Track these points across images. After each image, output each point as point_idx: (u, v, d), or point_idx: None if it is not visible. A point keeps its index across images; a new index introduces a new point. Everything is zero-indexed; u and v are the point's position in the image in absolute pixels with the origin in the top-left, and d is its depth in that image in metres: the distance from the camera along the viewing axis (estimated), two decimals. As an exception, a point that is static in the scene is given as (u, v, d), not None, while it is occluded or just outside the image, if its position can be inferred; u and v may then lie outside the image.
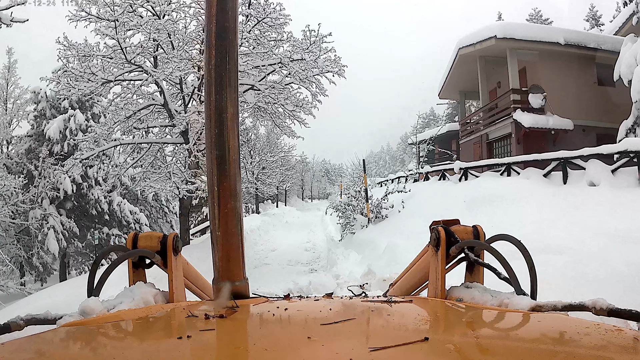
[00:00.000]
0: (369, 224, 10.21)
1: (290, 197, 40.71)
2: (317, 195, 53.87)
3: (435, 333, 0.61)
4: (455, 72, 18.10)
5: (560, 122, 13.52)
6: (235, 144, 0.84)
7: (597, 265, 4.84)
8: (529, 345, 0.51)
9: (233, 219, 0.84)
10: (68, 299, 7.35)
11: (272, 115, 11.12)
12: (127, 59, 8.93)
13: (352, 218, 10.60)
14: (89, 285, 0.88)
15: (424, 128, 53.09)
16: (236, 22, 0.86)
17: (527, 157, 9.37)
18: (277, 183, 27.52)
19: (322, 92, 10.14)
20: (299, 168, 43.95)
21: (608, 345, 0.46)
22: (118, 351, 0.53)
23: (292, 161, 35.39)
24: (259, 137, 26.77)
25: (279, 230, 16.94)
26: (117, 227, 18.54)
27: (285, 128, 11.46)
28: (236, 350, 0.54)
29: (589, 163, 8.07)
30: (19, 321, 0.67)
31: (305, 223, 19.83)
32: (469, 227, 0.93)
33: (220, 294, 0.83)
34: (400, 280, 1.20)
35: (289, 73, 10.05)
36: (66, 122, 17.65)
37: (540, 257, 5.00)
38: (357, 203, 10.82)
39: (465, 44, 15.84)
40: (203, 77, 8.58)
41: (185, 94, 10.08)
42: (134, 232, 0.99)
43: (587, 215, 6.23)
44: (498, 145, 15.90)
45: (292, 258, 10.60)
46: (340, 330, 0.59)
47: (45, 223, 16.35)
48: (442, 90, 19.95)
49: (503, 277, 0.83)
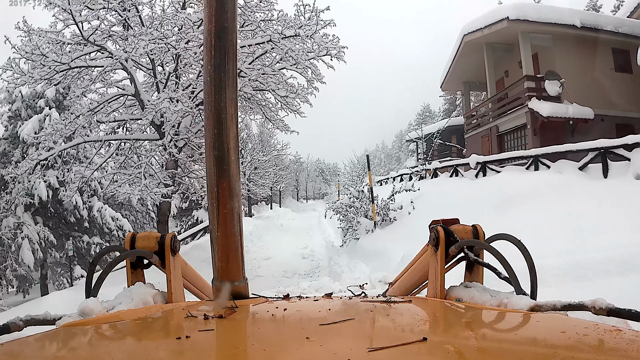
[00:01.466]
0: (375, 228, 8.93)
1: (285, 198, 39.40)
2: (312, 195, 53.37)
3: (433, 333, 0.61)
4: (459, 62, 16.95)
5: (580, 111, 12.33)
6: (235, 144, 0.84)
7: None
8: (528, 345, 0.50)
9: (232, 219, 0.84)
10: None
11: (263, 107, 9.80)
12: (83, 37, 7.50)
13: (356, 222, 9.31)
14: (87, 286, 0.87)
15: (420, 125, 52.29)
16: (236, 22, 0.86)
17: (558, 147, 8.17)
18: (270, 184, 25.99)
19: (318, 78, 8.85)
20: (293, 168, 42.78)
21: (608, 345, 0.45)
22: (117, 352, 0.53)
23: (286, 160, 34.01)
24: (251, 136, 25.38)
25: (273, 235, 15.65)
26: (99, 234, 17.11)
27: (278, 121, 10.14)
28: (235, 350, 0.54)
29: (634, 153, 6.91)
30: (18, 322, 0.67)
31: (301, 226, 18.66)
32: (468, 226, 0.92)
33: (219, 294, 0.83)
34: (400, 279, 1.20)
35: (281, 58, 8.75)
36: (41, 122, 16.12)
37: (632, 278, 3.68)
38: (361, 204, 9.54)
39: (472, 29, 14.65)
40: (178, 59, 6.42)
41: (159, 81, 8.69)
42: (132, 233, 0.98)
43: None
44: (510, 137, 14.65)
45: (288, 268, 9.44)
46: (339, 330, 0.59)
47: (19, 232, 14.89)
48: (445, 82, 18.73)
49: (503, 276, 0.83)
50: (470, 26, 14.93)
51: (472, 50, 15.58)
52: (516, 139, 14.23)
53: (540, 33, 13.26)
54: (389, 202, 9.16)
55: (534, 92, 12.83)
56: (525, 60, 13.16)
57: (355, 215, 9.42)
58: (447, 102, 46.96)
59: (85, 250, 16.44)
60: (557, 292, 0.70)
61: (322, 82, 8.92)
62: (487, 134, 15.72)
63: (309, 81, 8.83)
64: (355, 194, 9.82)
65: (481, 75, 16.55)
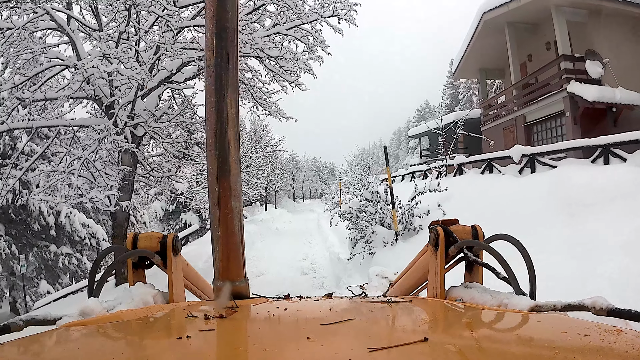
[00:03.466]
0: (397, 239, 6.99)
1: (281, 198, 37.31)
2: (308, 194, 51.76)
3: (434, 333, 0.61)
4: (475, 46, 15.22)
5: (628, 96, 10.52)
6: (236, 144, 0.83)
7: None
8: (529, 345, 0.50)
9: (233, 219, 0.82)
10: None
11: (252, 87, 7.83)
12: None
13: (370, 231, 7.35)
14: (89, 286, 0.87)
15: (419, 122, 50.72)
16: (236, 22, 0.85)
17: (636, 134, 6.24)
18: (264, 183, 23.81)
19: (322, 45, 6.90)
20: (289, 167, 40.80)
21: (608, 345, 0.45)
22: (117, 352, 0.53)
23: (282, 158, 31.92)
24: (242, 130, 23.25)
25: (267, 242, 13.69)
26: (69, 243, 15.05)
27: (270, 106, 8.18)
28: (236, 350, 0.53)
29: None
30: (18, 322, 0.66)
31: (299, 230, 16.66)
32: (467, 226, 0.92)
33: (220, 294, 0.82)
34: (400, 280, 1.19)
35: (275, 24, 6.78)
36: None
37: None
38: (375, 209, 7.57)
39: (494, 5, 12.77)
40: (136, 13, 3.54)
41: (107, 35, 6.52)
42: (134, 232, 0.99)
43: None
44: (541, 127, 12.75)
45: (285, 288, 7.43)
46: (340, 330, 0.58)
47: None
48: (459, 70, 16.91)
49: (502, 277, 0.82)
50: (492, 2, 13.06)
51: (491, 31, 14.05)
52: (549, 129, 12.33)
53: (575, 7, 11.39)
54: (413, 207, 7.23)
55: (572, 75, 10.94)
56: (561, 38, 11.29)
57: (369, 224, 7.47)
58: (449, 96, 45.25)
59: (52, 262, 14.39)
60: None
61: (326, 52, 7.00)
62: (510, 125, 13.83)
63: (310, 47, 6.89)
64: (367, 195, 7.87)
65: (500, 61, 14.98)
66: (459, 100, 42.21)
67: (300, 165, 48.92)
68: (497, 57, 15.07)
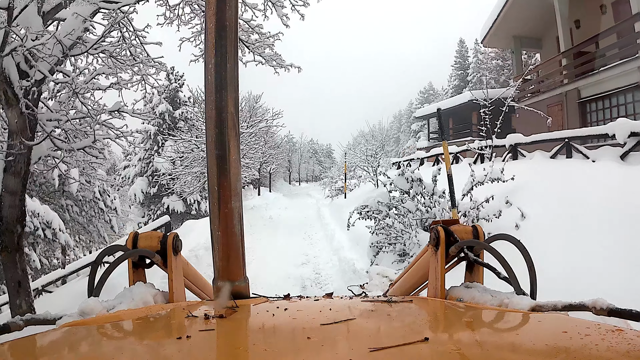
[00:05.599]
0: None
1: (276, 181, 34.39)
2: (304, 177, 49.49)
3: (435, 333, 0.60)
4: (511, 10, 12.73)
5: None
6: (236, 143, 0.81)
7: None
8: (529, 345, 0.49)
9: (233, 219, 0.81)
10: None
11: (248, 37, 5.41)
12: None
13: (412, 236, 4.99)
14: (90, 286, 0.85)
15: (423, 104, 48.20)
16: (236, 22, 0.83)
17: None
18: (258, 165, 21.11)
19: None
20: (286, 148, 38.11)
21: (608, 345, 0.45)
22: (117, 351, 0.52)
23: (277, 138, 29.19)
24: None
25: (258, 235, 11.32)
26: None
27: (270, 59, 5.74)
28: (236, 350, 0.53)
29: None
30: (18, 321, 0.66)
31: (297, 219, 14.31)
32: (468, 226, 0.91)
33: (220, 293, 0.81)
34: (400, 280, 1.17)
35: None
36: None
37: None
38: (416, 204, 5.22)
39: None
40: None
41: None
42: (134, 232, 0.96)
43: None
44: (602, 105, 10.38)
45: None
46: (340, 330, 0.58)
47: None
48: (489, 36, 14.47)
49: (503, 276, 0.81)
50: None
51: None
52: (617, 106, 9.97)
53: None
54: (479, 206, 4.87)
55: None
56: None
57: (408, 228, 5.10)
58: (456, 77, 42.72)
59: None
60: None
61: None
62: (558, 102, 11.45)
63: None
64: (403, 184, 5.48)
65: (538, 28, 12.79)
66: (467, 82, 39.68)
67: (297, 147, 46.19)
68: (535, 24, 13.24)
